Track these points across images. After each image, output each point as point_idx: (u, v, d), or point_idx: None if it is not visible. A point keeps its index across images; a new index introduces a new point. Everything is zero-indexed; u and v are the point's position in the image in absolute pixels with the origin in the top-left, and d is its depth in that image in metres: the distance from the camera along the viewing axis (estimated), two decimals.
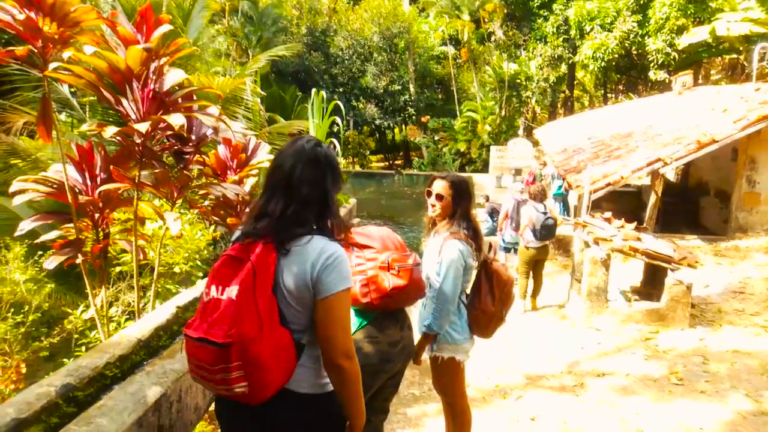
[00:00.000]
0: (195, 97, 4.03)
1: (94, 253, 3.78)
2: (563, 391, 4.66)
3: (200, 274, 5.91)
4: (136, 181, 3.64)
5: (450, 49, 29.98)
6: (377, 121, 29.00)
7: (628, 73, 22.85)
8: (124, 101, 3.47)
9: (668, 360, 5.14)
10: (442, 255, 2.93)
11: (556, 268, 9.38)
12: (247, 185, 4.96)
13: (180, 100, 3.64)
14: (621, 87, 29.41)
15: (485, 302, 3.02)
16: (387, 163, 32.74)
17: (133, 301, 5.16)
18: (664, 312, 5.88)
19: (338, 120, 7.99)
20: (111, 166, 3.63)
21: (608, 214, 6.85)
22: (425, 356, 3.12)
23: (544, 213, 6.99)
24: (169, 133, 3.73)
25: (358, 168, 28.53)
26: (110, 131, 3.22)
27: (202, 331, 1.64)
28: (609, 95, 28.14)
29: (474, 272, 3.10)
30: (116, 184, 3.65)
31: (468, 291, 3.16)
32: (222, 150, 4.78)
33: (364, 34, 29.30)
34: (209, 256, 6.63)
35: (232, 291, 1.65)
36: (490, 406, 4.43)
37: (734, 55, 16.49)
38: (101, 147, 3.80)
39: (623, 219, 6.77)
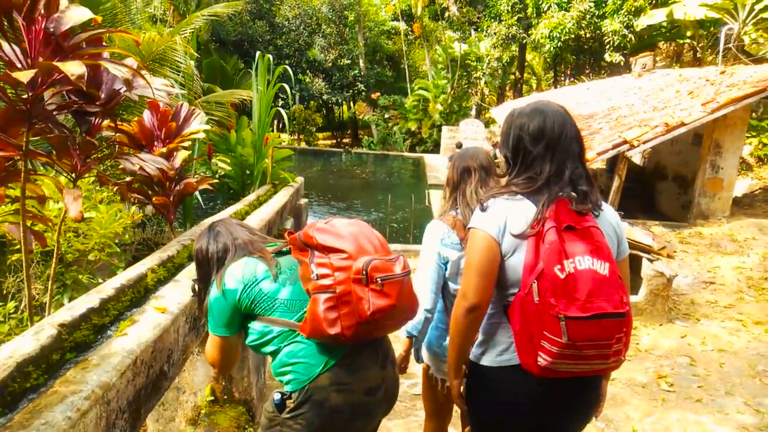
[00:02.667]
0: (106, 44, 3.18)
1: None
2: None
3: (121, 264, 5.02)
4: (24, 149, 2.76)
5: (402, 25, 29.14)
6: (325, 96, 27.93)
7: (583, 55, 22.67)
8: (3, 43, 2.61)
9: (653, 361, 4.70)
10: None
11: None
12: (178, 159, 4.14)
13: (84, 44, 2.79)
14: (569, 70, 29.45)
15: None
16: (334, 141, 31.76)
17: (39, 294, 4.30)
18: (642, 306, 5.44)
19: (287, 88, 7.12)
20: None
21: None
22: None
23: None
24: (68, 88, 2.86)
25: (303, 145, 27.46)
26: None
27: (612, 305, 1.57)
28: (560, 78, 28.06)
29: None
30: None
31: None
32: (147, 117, 3.94)
33: (313, 3, 28.05)
34: (132, 240, 5.72)
35: (597, 260, 1.60)
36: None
37: (686, 41, 16.42)
38: None
39: None
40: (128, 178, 4.04)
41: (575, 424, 1.89)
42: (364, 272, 1.69)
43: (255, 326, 1.81)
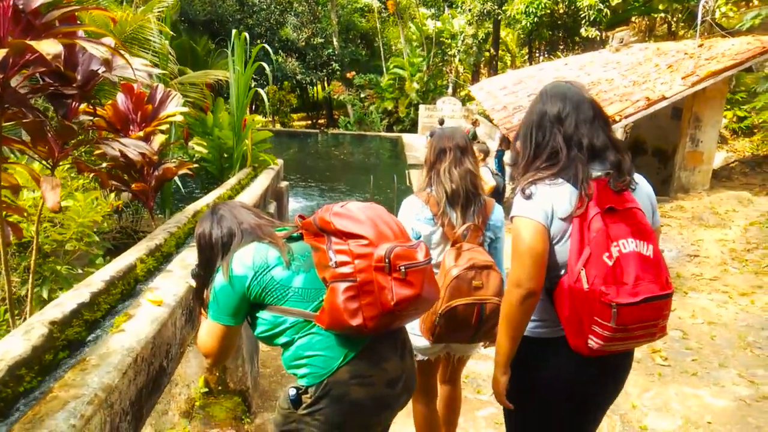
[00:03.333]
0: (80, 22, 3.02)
1: None
2: None
3: (100, 252, 4.85)
4: None
5: (375, 2, 28.74)
6: (299, 77, 27.50)
7: (557, 31, 22.62)
8: None
9: None
10: None
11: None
12: (155, 143, 3.99)
13: (57, 23, 2.62)
14: (544, 47, 29.41)
15: None
16: (310, 122, 31.37)
17: (15, 287, 4.12)
18: None
19: (267, 68, 6.92)
20: None
21: None
22: None
23: (497, 174, 6.37)
24: (42, 69, 2.70)
25: (278, 126, 27.04)
26: None
27: (659, 287, 1.61)
28: (534, 54, 28.02)
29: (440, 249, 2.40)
30: None
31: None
32: (122, 99, 3.78)
33: None
34: (110, 228, 5.53)
35: (641, 242, 1.64)
36: (463, 403, 3.78)
37: (659, 15, 16.45)
38: None
39: None
40: (104, 164, 3.88)
41: (611, 396, 1.95)
42: (386, 260, 1.57)
43: (265, 316, 1.69)
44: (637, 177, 1.82)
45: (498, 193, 6.25)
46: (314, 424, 1.66)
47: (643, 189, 1.84)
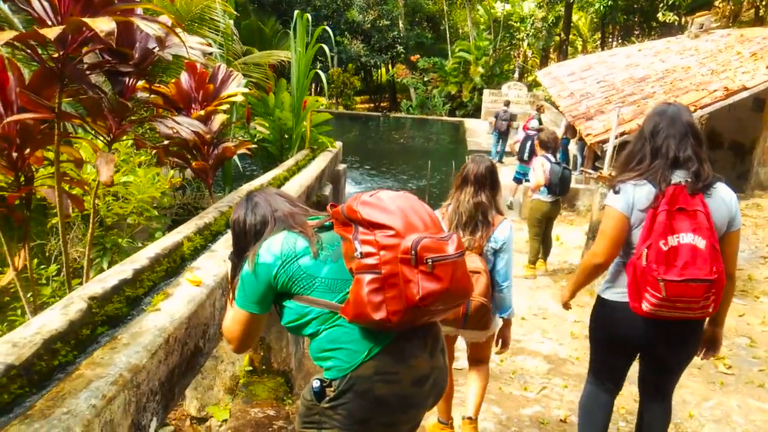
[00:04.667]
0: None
1: (10, 203, 2.85)
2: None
3: (159, 227, 4.99)
4: (56, 110, 2.67)
5: None
6: (363, 59, 27.48)
7: (633, 15, 21.57)
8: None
9: None
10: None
11: (562, 224, 8.60)
12: (216, 122, 4.03)
13: (115, 0, 2.65)
14: (618, 32, 28.14)
15: None
16: (372, 105, 31.36)
17: (80, 257, 4.29)
18: None
19: (327, 49, 6.89)
20: (18, 90, 2.67)
21: None
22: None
23: (560, 163, 6.05)
24: (100, 47, 2.74)
25: (341, 109, 27.16)
26: (6, 36, 2.25)
27: (703, 273, 2.05)
28: (608, 39, 26.87)
29: None
30: (29, 114, 2.68)
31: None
32: (185, 78, 3.81)
33: None
34: (170, 204, 5.69)
35: (698, 237, 2.07)
36: (508, 400, 3.68)
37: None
38: (15, 66, 2.81)
39: None
40: (166, 142, 3.95)
41: (670, 355, 2.41)
42: (413, 252, 1.51)
43: (292, 306, 1.65)
44: (719, 185, 2.23)
45: (563, 184, 5.98)
46: (337, 419, 1.61)
47: (719, 194, 2.21)
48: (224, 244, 2.59)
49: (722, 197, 2.20)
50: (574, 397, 3.69)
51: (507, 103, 15.03)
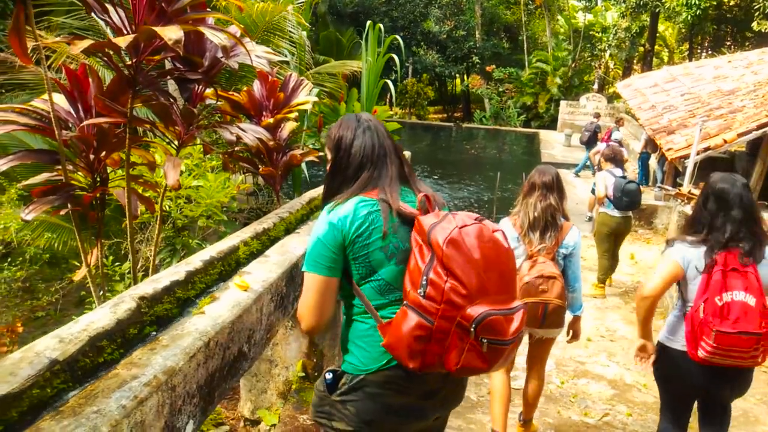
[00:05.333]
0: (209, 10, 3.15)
1: (86, 203, 3.00)
2: None
3: (228, 230, 5.15)
4: (128, 115, 2.79)
5: None
6: (438, 69, 27.44)
7: (724, 25, 20.39)
8: (110, 8, 2.63)
9: None
10: None
11: (638, 242, 8.19)
12: (285, 130, 4.10)
13: (188, 9, 2.75)
14: (707, 42, 26.66)
15: None
16: (445, 115, 31.24)
17: (152, 257, 4.49)
18: None
19: (396, 59, 6.90)
20: (94, 96, 2.82)
21: None
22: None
23: (624, 177, 5.80)
24: (172, 54, 2.85)
25: (414, 119, 27.22)
26: (81, 45, 2.37)
27: (753, 327, 2.29)
28: (696, 50, 25.54)
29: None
30: (104, 119, 2.82)
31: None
32: (257, 87, 3.91)
33: None
34: (240, 209, 5.86)
35: (750, 296, 2.33)
36: (566, 425, 3.50)
37: None
38: (94, 73, 2.97)
39: None
40: (236, 148, 4.06)
41: (724, 397, 2.65)
42: (473, 326, 1.43)
43: (345, 281, 1.66)
44: None
45: (629, 197, 5.70)
46: (345, 413, 1.66)
47: None
48: (278, 251, 2.62)
49: None
50: (639, 428, 3.47)
51: (597, 115, 14.62)
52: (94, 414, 1.16)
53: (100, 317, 1.57)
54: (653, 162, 11.49)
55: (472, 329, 1.43)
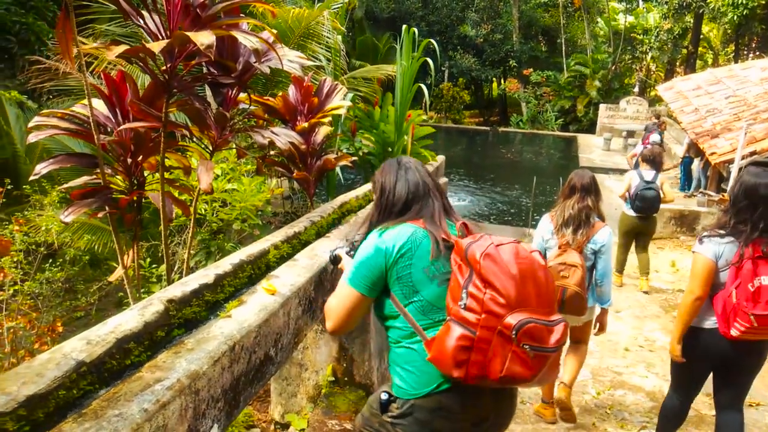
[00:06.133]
0: (242, 15, 3.17)
1: (123, 205, 3.06)
2: (701, 427, 3.54)
3: (261, 233, 5.19)
4: (163, 119, 2.84)
5: None
6: (474, 73, 27.25)
7: None
8: (145, 14, 2.68)
9: None
10: None
11: (679, 249, 7.93)
12: (320, 134, 4.11)
13: (222, 15, 2.78)
14: (754, 43, 25.74)
15: None
16: (481, 119, 30.97)
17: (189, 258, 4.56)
18: None
19: (430, 62, 6.87)
20: (130, 100, 2.88)
21: None
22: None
23: (648, 182, 5.86)
24: (206, 59, 2.88)
25: (449, 123, 27.07)
26: (117, 51, 2.42)
27: None
28: (742, 52, 24.70)
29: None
30: (139, 123, 2.88)
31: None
32: (292, 92, 3.94)
33: None
34: (274, 213, 5.91)
35: None
36: None
37: None
38: (131, 79, 3.04)
39: None
40: (271, 152, 4.08)
41: (745, 368, 2.83)
42: (514, 332, 1.47)
43: (388, 303, 1.70)
44: None
45: (644, 202, 5.89)
46: None
47: None
48: (307, 254, 2.61)
49: None
50: None
51: (658, 116, 14.26)
52: (116, 417, 1.16)
53: (128, 319, 1.59)
54: (696, 167, 11.14)
55: (513, 335, 1.47)
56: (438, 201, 1.85)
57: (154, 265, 4.62)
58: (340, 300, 1.75)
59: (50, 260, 4.27)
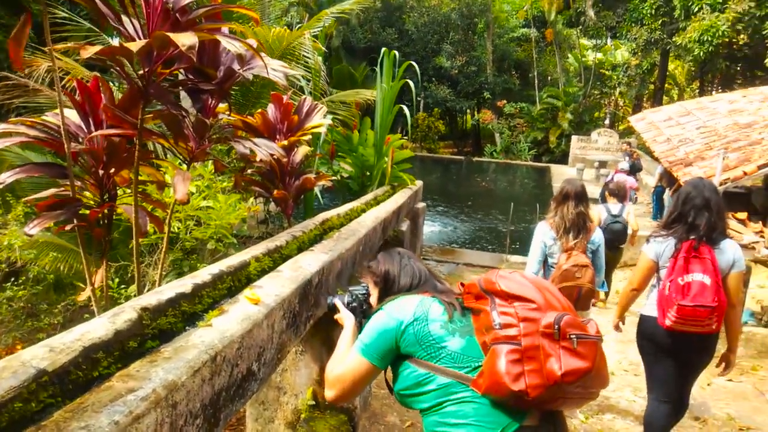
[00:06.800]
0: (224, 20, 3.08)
1: (92, 219, 2.87)
2: None
3: (235, 253, 5.00)
4: (138, 126, 2.70)
5: (533, 32, 28.10)
6: (449, 104, 27.58)
7: (735, 63, 20.39)
8: (124, 17, 2.56)
9: None
10: None
11: None
12: (299, 154, 4.01)
13: (202, 20, 2.68)
14: (717, 80, 26.65)
15: None
16: (456, 150, 31.26)
17: (159, 280, 4.36)
18: None
19: (411, 84, 6.86)
20: (103, 105, 2.73)
21: (743, 215, 5.47)
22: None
23: (614, 216, 6.17)
24: (186, 66, 2.77)
25: (425, 153, 27.24)
26: (92, 51, 2.28)
27: (709, 300, 2.84)
28: (706, 88, 25.53)
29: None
30: (113, 130, 2.74)
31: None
32: (271, 110, 3.83)
33: (442, 10, 27.84)
34: (250, 234, 5.73)
35: (706, 276, 2.87)
36: None
37: None
38: (107, 87, 2.90)
39: (761, 222, 5.37)
40: (249, 170, 3.95)
41: (689, 360, 3.14)
42: (556, 326, 1.47)
43: (412, 371, 1.62)
44: (726, 240, 3.05)
45: (611, 235, 6.05)
46: None
47: (726, 251, 3.01)
48: (291, 266, 2.47)
49: (726, 248, 3.00)
50: None
51: (629, 144, 14.62)
52: (81, 430, 1.01)
53: (97, 327, 1.43)
54: (667, 196, 11.32)
55: (556, 329, 1.46)
56: (440, 284, 1.90)
57: (123, 286, 4.39)
58: (348, 370, 1.71)
59: (12, 279, 4.02)
